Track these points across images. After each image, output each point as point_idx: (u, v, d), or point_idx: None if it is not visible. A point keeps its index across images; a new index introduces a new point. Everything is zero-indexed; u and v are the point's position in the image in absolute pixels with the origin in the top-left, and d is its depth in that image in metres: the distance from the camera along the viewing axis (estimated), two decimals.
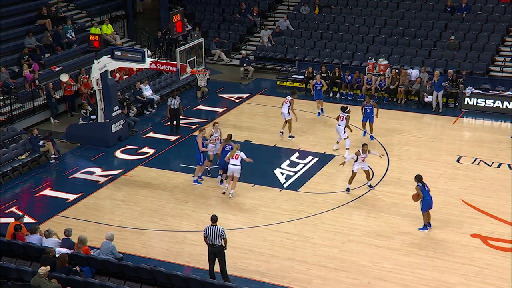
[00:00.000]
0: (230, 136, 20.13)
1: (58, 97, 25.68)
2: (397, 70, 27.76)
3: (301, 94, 27.81)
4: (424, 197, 17.20)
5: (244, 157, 19.24)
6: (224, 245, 14.91)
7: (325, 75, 28.14)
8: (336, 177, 20.65)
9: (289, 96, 23.48)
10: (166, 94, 27.47)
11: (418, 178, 17.39)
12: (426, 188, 17.29)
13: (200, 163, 20.19)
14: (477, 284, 15.29)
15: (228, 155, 19.29)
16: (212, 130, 20.64)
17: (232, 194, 19.31)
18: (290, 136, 23.54)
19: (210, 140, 20.31)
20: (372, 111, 23.06)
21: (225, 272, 15.08)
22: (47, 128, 24.20)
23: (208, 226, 14.95)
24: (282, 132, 23.73)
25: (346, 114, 21.88)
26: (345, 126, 21.86)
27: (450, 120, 25.53)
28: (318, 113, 25.74)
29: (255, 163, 20.70)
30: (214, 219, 14.96)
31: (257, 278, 15.52)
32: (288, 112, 23.23)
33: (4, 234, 15.98)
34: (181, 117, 24.62)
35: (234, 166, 19.07)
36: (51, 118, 25.42)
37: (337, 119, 22.10)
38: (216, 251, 14.94)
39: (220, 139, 20.54)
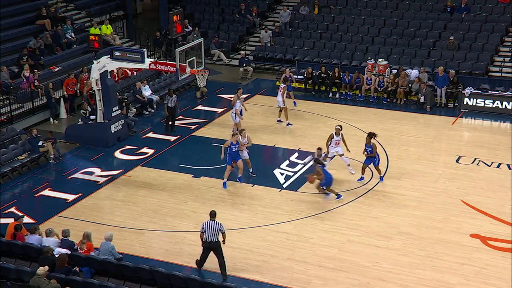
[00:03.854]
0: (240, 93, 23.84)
1: (57, 97, 25.74)
2: (396, 71, 27.78)
3: (301, 94, 27.78)
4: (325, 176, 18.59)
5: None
6: (223, 240, 14.98)
7: (324, 75, 28.21)
8: (336, 177, 20.60)
9: (282, 84, 24.87)
10: (165, 95, 27.40)
11: (317, 161, 18.77)
12: (326, 167, 18.75)
13: (227, 163, 19.94)
14: (476, 284, 15.28)
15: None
16: (239, 137, 20.13)
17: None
18: (288, 124, 24.48)
19: (243, 145, 20.07)
20: (373, 153, 19.73)
21: (224, 268, 15.12)
22: (47, 128, 24.18)
23: (206, 221, 14.98)
24: (280, 121, 24.83)
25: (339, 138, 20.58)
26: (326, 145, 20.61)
27: (450, 120, 25.52)
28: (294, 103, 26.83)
29: (255, 164, 20.67)
30: (213, 214, 15.04)
31: (256, 278, 15.51)
32: (283, 100, 24.31)
33: (4, 234, 15.99)
34: (180, 116, 24.57)
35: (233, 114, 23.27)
36: (51, 118, 25.41)
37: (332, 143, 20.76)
38: (213, 248, 14.98)
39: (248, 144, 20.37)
